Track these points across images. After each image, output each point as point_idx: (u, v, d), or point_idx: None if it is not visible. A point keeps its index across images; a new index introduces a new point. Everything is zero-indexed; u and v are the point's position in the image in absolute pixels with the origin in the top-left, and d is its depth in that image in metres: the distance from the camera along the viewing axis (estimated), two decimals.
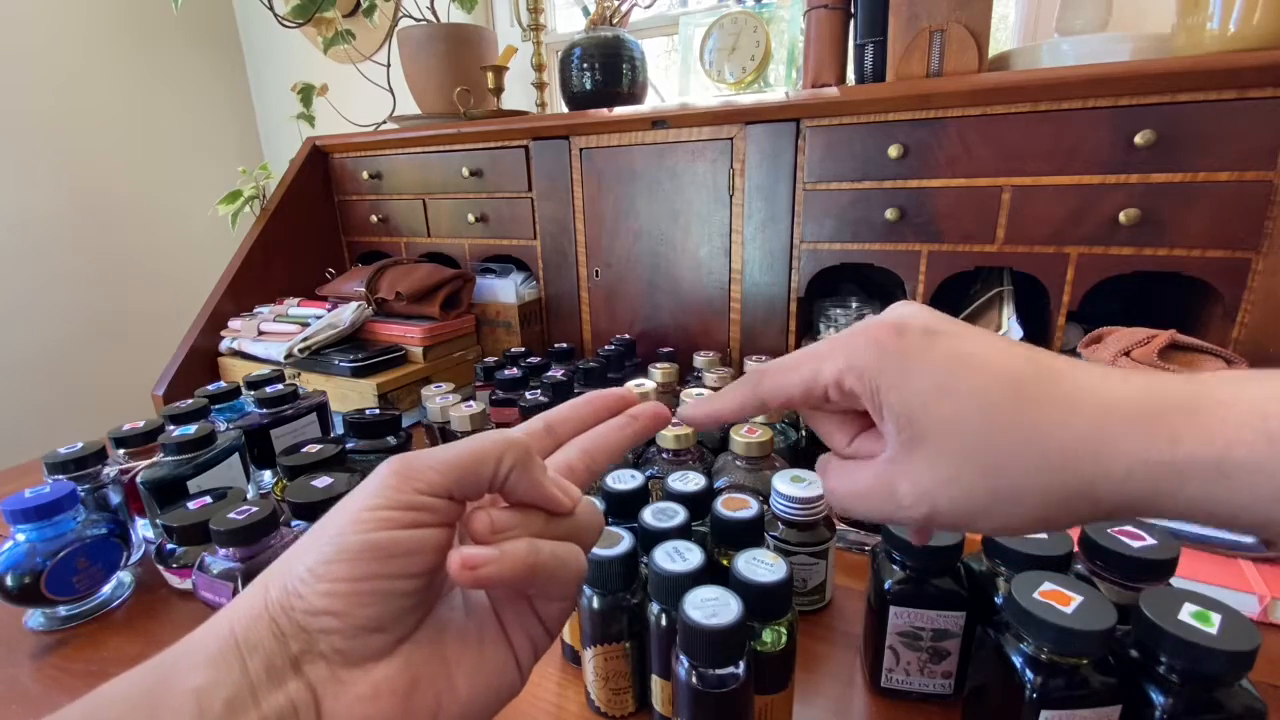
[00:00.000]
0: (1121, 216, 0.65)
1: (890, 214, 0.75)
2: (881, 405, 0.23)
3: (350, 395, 0.85)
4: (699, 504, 0.43)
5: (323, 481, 0.50)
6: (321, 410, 0.73)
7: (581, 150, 0.93)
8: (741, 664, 0.30)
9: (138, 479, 0.54)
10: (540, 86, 1.14)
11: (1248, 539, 0.47)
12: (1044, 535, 0.37)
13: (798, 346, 0.86)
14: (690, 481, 0.45)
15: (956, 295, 0.84)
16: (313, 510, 0.49)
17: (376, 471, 0.21)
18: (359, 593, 0.19)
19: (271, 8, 1.14)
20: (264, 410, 0.68)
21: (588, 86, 0.97)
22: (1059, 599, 0.29)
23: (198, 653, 0.18)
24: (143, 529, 0.57)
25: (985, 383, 0.21)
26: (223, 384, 0.71)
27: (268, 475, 0.68)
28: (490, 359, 0.82)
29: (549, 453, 0.26)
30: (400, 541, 0.19)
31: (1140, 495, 0.19)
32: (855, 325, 0.25)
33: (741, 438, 0.50)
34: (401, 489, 0.20)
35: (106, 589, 0.51)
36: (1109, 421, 0.20)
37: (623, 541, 0.37)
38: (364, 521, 0.19)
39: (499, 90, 1.07)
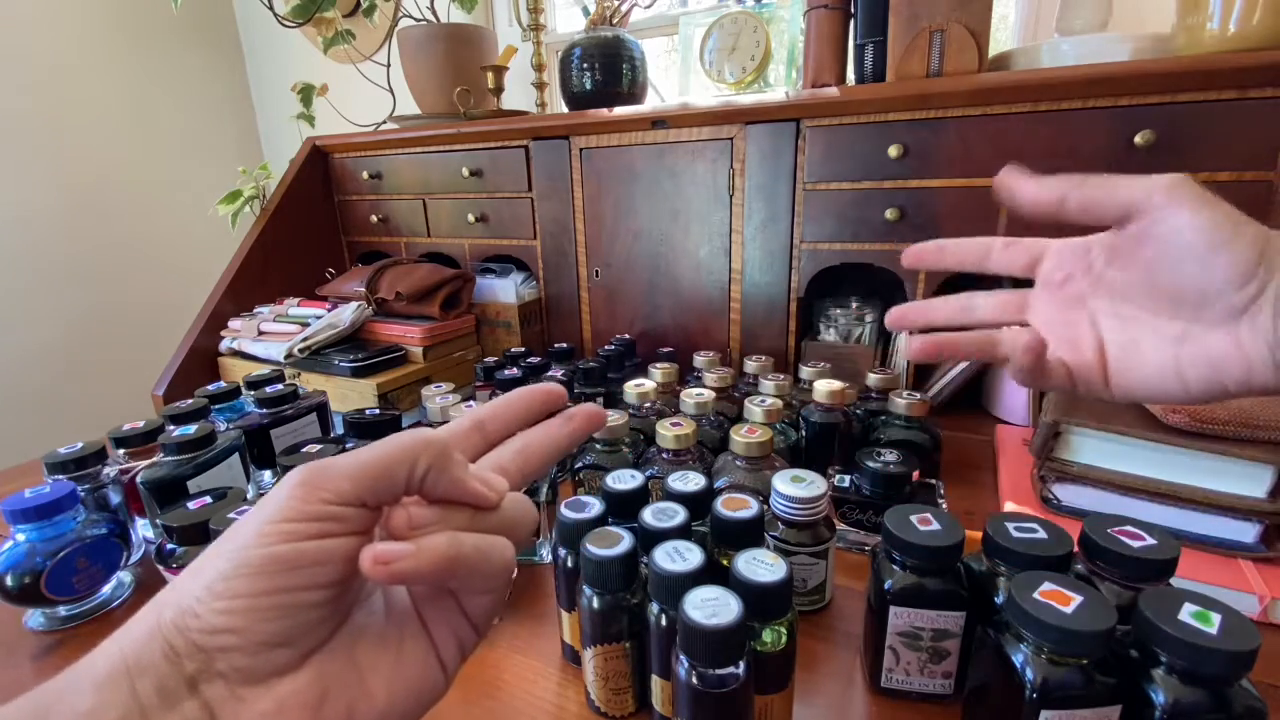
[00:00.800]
0: None
1: (890, 214, 0.75)
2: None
3: (350, 395, 0.85)
4: (699, 504, 0.43)
5: None
6: (321, 410, 0.73)
7: (581, 150, 0.93)
8: (741, 664, 0.30)
9: (138, 479, 0.54)
10: (540, 86, 1.14)
11: (1248, 539, 0.47)
12: (1044, 536, 0.37)
13: (798, 347, 0.86)
14: (690, 481, 0.45)
15: (956, 295, 0.84)
16: None
17: (283, 481, 0.20)
18: (260, 608, 0.18)
19: (271, 8, 1.14)
20: (264, 410, 0.68)
21: (588, 86, 0.97)
22: (1059, 599, 0.29)
23: (84, 679, 0.17)
24: (143, 529, 0.57)
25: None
26: (223, 384, 0.71)
27: (268, 475, 0.68)
28: (490, 359, 0.82)
29: (480, 451, 0.26)
30: (306, 553, 0.19)
31: None
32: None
33: (741, 438, 0.50)
34: (308, 500, 0.19)
35: (106, 589, 0.51)
36: None
37: (623, 541, 0.36)
38: (266, 535, 0.19)
39: (499, 90, 1.07)
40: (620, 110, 0.88)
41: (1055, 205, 0.31)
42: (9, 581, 0.46)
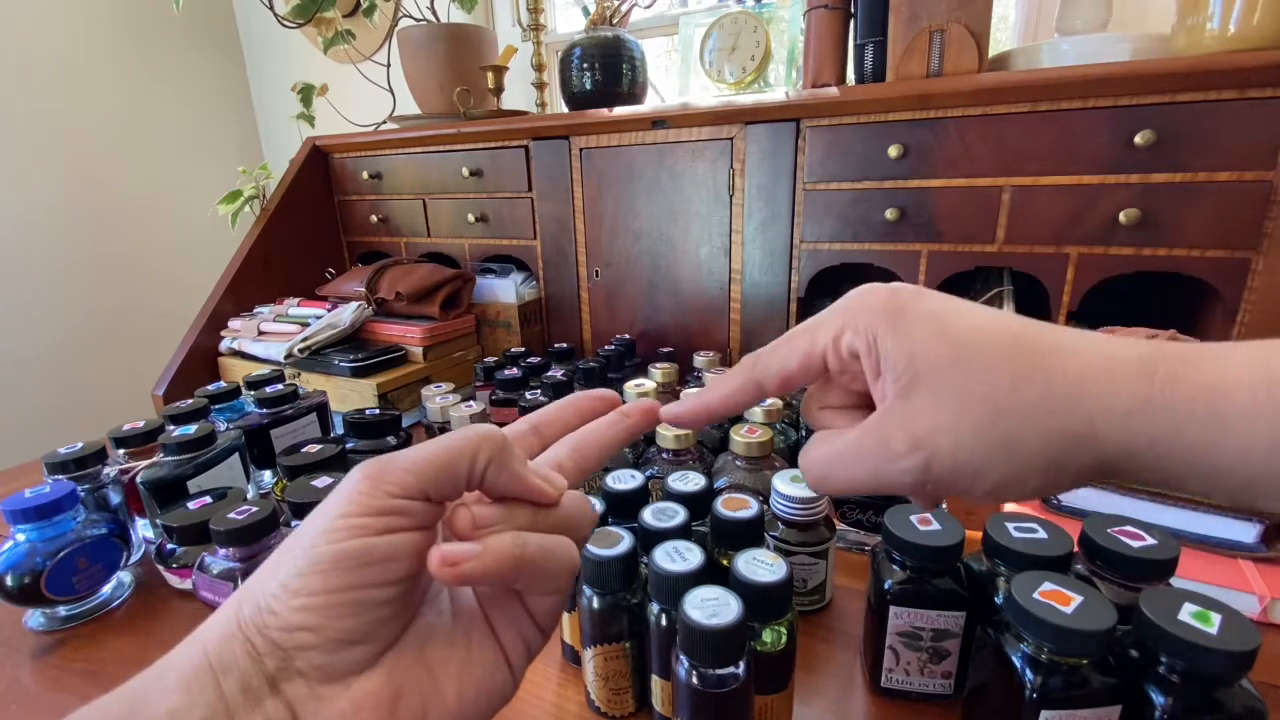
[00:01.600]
0: (1121, 216, 0.65)
1: (890, 214, 0.75)
2: (879, 355, 0.22)
3: (350, 395, 0.85)
4: (699, 504, 0.43)
5: (323, 481, 0.50)
6: (321, 410, 0.73)
7: (581, 150, 0.93)
8: (741, 664, 0.30)
9: (138, 479, 0.54)
10: (540, 86, 1.14)
11: (1248, 539, 0.47)
12: (1044, 536, 0.37)
13: None
14: (690, 481, 0.45)
15: (956, 296, 0.84)
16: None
17: (348, 477, 0.20)
18: (335, 604, 0.18)
19: (272, 8, 1.14)
20: (264, 410, 0.68)
21: (588, 86, 0.97)
22: (1059, 599, 0.29)
23: (170, 676, 0.18)
24: (143, 529, 0.57)
25: (983, 324, 0.22)
26: (223, 384, 0.71)
27: (268, 475, 0.68)
28: (490, 359, 0.82)
29: (535, 452, 0.26)
30: (376, 548, 0.19)
31: (1140, 440, 0.19)
32: (845, 296, 0.25)
33: (741, 438, 0.50)
34: (374, 494, 0.19)
35: (106, 589, 0.51)
36: (1109, 363, 0.20)
37: (623, 541, 0.36)
38: (336, 530, 0.19)
39: (499, 90, 1.07)
40: (620, 110, 0.88)
41: (732, 407, 0.27)
42: (9, 581, 0.46)
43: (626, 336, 0.88)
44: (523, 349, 0.84)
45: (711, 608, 0.30)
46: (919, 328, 0.22)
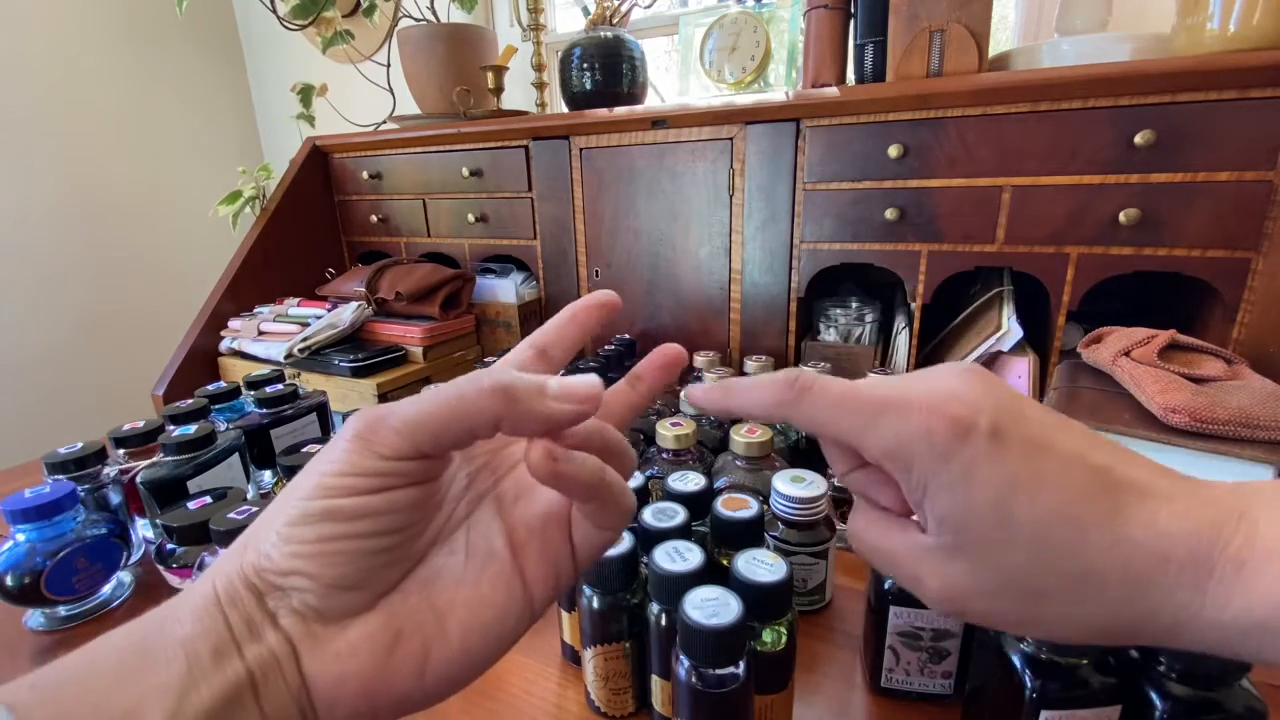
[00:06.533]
0: (1121, 216, 0.65)
1: (890, 214, 0.75)
2: (926, 505, 0.21)
3: (350, 395, 0.85)
4: (699, 504, 0.43)
5: None
6: (321, 410, 0.73)
7: (581, 150, 0.93)
8: (741, 664, 0.30)
9: (138, 479, 0.54)
10: (540, 86, 1.14)
11: None
12: None
13: (798, 347, 0.86)
14: (690, 481, 0.45)
15: (956, 295, 0.84)
16: None
17: (341, 431, 0.20)
18: (326, 553, 0.19)
19: (273, 9, 1.14)
20: (264, 410, 0.68)
21: (588, 86, 0.97)
22: None
23: (185, 607, 0.19)
24: (143, 529, 0.57)
25: (1046, 515, 0.20)
26: (223, 384, 0.71)
27: (268, 475, 0.68)
28: (490, 359, 0.82)
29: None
30: (366, 505, 0.19)
31: (1183, 643, 0.20)
32: (910, 387, 0.22)
33: (741, 438, 0.50)
34: (363, 454, 0.19)
35: (106, 589, 0.51)
36: (1163, 572, 0.19)
37: (623, 541, 0.36)
38: (327, 488, 0.19)
39: (499, 90, 1.07)
40: (620, 110, 0.88)
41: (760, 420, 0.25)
42: (9, 581, 0.46)
43: (626, 336, 0.88)
44: None
45: (711, 608, 0.30)
46: (976, 497, 0.20)
